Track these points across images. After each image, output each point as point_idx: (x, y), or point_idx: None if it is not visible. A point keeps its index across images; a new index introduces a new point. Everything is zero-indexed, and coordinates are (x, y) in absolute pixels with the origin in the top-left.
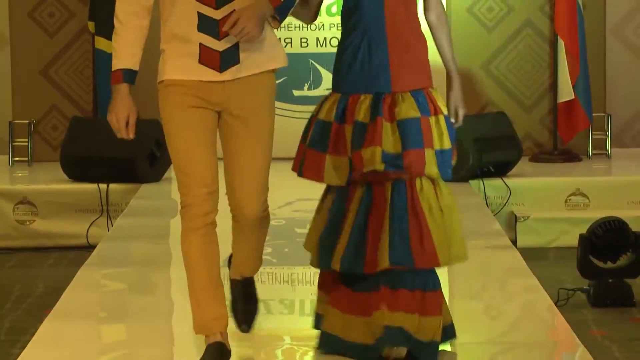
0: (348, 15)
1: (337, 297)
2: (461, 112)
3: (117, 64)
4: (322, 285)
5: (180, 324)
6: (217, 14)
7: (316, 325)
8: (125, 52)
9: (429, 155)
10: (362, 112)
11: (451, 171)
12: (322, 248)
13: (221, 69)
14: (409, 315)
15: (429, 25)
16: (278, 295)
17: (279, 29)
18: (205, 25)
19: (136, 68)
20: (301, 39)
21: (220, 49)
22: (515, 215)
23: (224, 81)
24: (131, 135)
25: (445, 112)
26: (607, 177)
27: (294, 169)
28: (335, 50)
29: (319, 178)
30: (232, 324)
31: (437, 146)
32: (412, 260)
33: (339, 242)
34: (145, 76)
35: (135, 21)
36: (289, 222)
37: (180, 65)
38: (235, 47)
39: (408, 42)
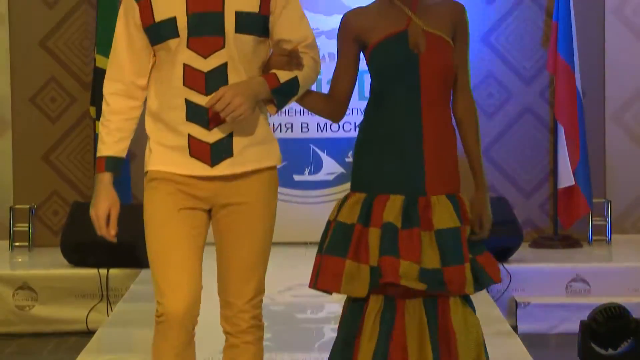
0: (377, 100)
1: None
2: (486, 223)
3: (101, 150)
4: None
5: None
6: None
7: None
8: (110, 137)
9: (468, 271)
10: (392, 213)
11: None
12: None
13: (212, 162)
14: None
15: (455, 117)
16: None
17: (279, 114)
18: (194, 114)
19: (122, 155)
20: (302, 123)
21: (211, 141)
22: (516, 301)
23: (215, 176)
24: (112, 233)
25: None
26: (608, 263)
27: (310, 285)
28: (335, 135)
29: (335, 288)
30: None
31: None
32: None
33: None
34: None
35: (123, 102)
36: (289, 307)
37: (169, 157)
38: (228, 138)
39: (443, 137)
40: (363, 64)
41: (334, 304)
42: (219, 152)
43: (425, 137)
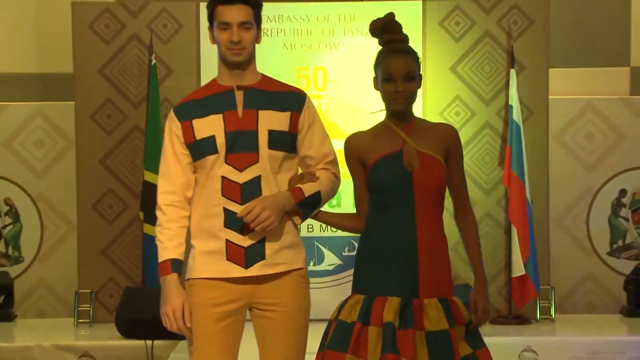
0: (376, 212)
1: None
2: (481, 311)
3: (164, 254)
4: None
5: None
6: None
7: None
8: (171, 243)
9: None
10: (391, 314)
11: None
12: None
13: (246, 265)
14: None
15: (458, 228)
16: None
17: None
18: (231, 221)
19: (182, 257)
20: (307, 225)
21: (245, 245)
22: None
23: (249, 277)
24: (189, 325)
25: (465, 320)
26: (552, 337)
27: None
28: (334, 234)
29: None
30: None
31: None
32: None
33: None
34: None
35: (178, 212)
36: None
37: (209, 263)
38: (261, 242)
39: (436, 245)
40: None
41: None
42: (253, 255)
43: (420, 245)
